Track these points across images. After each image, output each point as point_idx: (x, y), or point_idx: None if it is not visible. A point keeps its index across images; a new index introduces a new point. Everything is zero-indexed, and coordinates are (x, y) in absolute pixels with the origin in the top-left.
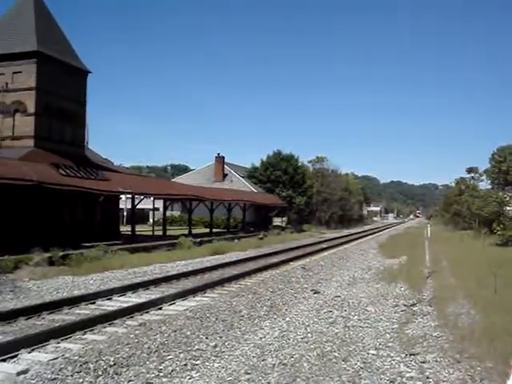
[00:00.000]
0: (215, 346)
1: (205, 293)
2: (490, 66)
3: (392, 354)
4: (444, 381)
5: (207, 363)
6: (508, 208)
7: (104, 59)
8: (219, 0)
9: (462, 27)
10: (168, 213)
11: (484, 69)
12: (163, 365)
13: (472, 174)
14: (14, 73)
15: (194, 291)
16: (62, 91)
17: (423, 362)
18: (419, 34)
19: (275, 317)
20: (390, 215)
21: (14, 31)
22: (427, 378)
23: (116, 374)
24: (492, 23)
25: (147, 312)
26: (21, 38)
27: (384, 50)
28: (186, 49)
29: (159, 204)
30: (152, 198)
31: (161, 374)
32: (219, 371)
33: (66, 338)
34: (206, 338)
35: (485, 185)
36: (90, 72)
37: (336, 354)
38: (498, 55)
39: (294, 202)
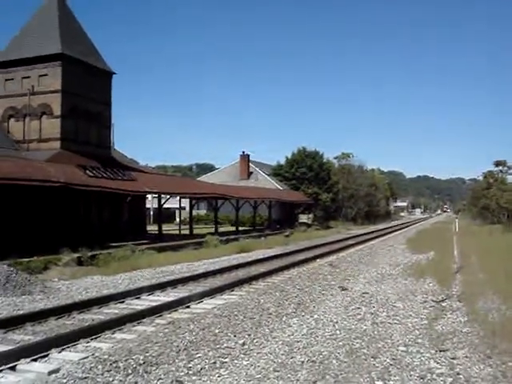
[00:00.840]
0: (243, 344)
1: (232, 291)
2: None
3: (421, 351)
4: (475, 377)
5: (236, 361)
6: None
7: (125, 58)
8: None
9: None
10: (194, 211)
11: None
12: (192, 363)
13: (500, 168)
14: (40, 76)
15: (221, 289)
16: (88, 93)
17: (453, 358)
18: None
19: (303, 314)
20: (417, 210)
21: (39, 34)
22: (457, 374)
23: (146, 372)
24: None
25: (176, 310)
26: (45, 40)
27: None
28: (208, 46)
29: (185, 203)
30: (178, 197)
31: (190, 372)
32: (248, 369)
33: (96, 338)
34: (234, 335)
35: None
36: (114, 73)
37: (365, 351)
38: None
39: (320, 199)
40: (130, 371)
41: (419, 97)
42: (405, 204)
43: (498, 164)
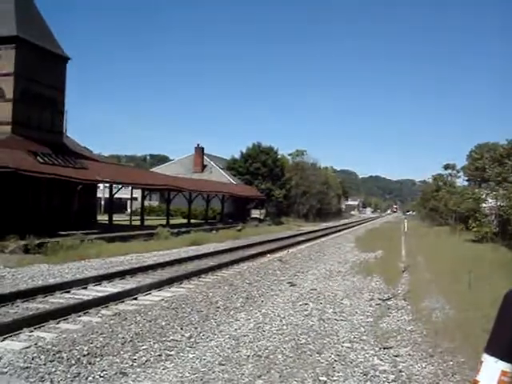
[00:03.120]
0: (190, 337)
1: (181, 283)
2: (477, 66)
3: (366, 348)
4: (416, 374)
5: (181, 354)
6: (484, 205)
7: (84, 46)
8: None
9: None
10: (146, 203)
11: (468, 68)
12: (137, 355)
13: (449, 171)
14: None
15: (170, 282)
16: (41, 77)
17: (396, 356)
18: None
19: (251, 308)
20: (368, 209)
21: None
22: (400, 371)
23: (89, 363)
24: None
25: (122, 302)
26: (0, 22)
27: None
28: (170, 39)
29: (137, 194)
30: (130, 188)
31: (135, 364)
32: (193, 362)
33: (40, 327)
34: (181, 328)
35: (462, 181)
36: (69, 59)
37: (310, 347)
38: (484, 55)
39: (273, 195)
40: (73, 362)
41: (372, 102)
42: (356, 203)
43: (446, 167)
